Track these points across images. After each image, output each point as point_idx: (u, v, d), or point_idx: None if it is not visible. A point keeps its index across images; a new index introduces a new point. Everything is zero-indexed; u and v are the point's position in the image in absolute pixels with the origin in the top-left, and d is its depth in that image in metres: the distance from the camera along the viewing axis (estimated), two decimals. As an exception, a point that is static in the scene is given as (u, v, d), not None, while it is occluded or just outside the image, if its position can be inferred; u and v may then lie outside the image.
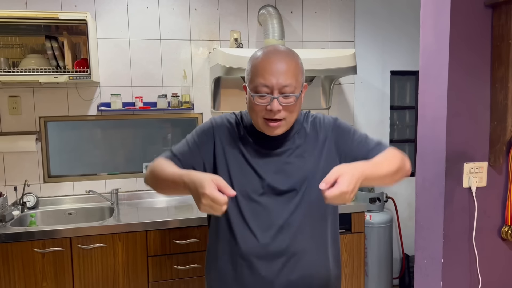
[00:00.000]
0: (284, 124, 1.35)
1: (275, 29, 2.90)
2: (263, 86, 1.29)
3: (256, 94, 1.31)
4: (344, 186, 1.10)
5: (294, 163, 1.40)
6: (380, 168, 1.28)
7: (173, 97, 2.90)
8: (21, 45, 2.75)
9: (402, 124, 3.58)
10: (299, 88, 1.34)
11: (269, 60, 1.32)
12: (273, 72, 1.29)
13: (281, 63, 1.31)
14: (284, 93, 1.30)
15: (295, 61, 1.35)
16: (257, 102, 1.31)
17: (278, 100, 1.29)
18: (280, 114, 1.31)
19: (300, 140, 1.43)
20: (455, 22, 1.55)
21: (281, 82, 1.29)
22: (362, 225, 2.78)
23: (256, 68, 1.32)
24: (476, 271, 1.65)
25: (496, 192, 1.66)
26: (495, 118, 1.60)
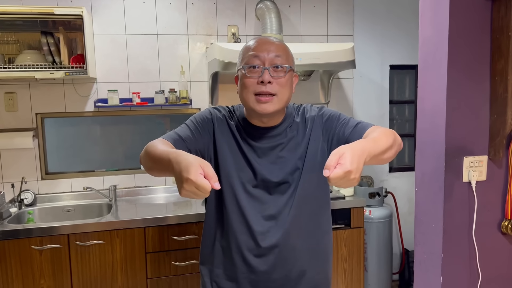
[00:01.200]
0: (276, 101, 1.34)
1: (273, 23, 2.88)
2: (254, 57, 1.33)
3: (247, 65, 1.33)
4: (347, 165, 1.01)
5: (287, 156, 1.41)
6: (379, 144, 1.20)
7: (170, 93, 2.88)
8: (17, 41, 2.73)
9: (401, 118, 3.57)
10: (290, 63, 1.37)
11: (259, 39, 1.38)
12: (264, 45, 1.35)
13: (271, 41, 1.37)
14: (275, 64, 1.33)
15: (284, 44, 1.41)
16: (248, 74, 1.33)
17: (269, 71, 1.32)
18: (272, 87, 1.32)
19: (292, 133, 1.44)
20: (454, 15, 1.53)
21: (272, 54, 1.33)
22: (361, 220, 2.77)
23: (247, 49, 1.37)
24: (476, 265, 1.64)
25: (496, 186, 1.65)
26: (495, 111, 1.58)
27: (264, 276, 1.41)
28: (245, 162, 1.40)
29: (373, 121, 3.69)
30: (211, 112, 1.46)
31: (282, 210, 1.39)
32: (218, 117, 1.44)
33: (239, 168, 1.40)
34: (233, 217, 1.40)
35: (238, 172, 1.40)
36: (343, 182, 1.03)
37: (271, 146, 1.41)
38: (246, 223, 1.39)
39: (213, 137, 1.42)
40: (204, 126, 1.42)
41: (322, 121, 1.45)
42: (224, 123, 1.44)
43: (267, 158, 1.41)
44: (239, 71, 1.38)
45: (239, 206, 1.39)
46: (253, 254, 1.40)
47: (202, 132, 1.41)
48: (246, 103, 1.37)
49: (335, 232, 2.73)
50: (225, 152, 1.41)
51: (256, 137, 1.42)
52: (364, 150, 1.10)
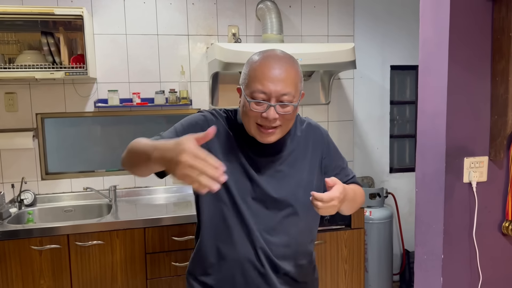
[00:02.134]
0: (279, 132, 1.29)
1: (273, 24, 2.87)
2: (260, 93, 1.23)
3: (253, 100, 1.24)
4: (336, 193, 1.18)
5: (286, 171, 1.37)
6: (355, 198, 1.37)
7: (171, 93, 2.88)
8: (17, 41, 2.73)
9: (402, 119, 3.56)
10: (297, 97, 1.28)
11: (268, 65, 1.25)
12: (272, 78, 1.23)
13: (280, 69, 1.24)
14: (282, 102, 1.24)
15: (295, 68, 1.28)
16: (253, 108, 1.24)
17: (275, 109, 1.23)
18: (276, 122, 1.26)
19: (292, 145, 1.40)
20: (455, 15, 1.53)
21: (280, 90, 1.23)
22: (362, 221, 2.77)
23: (254, 73, 1.25)
24: (476, 266, 1.63)
25: (496, 187, 1.65)
26: (496, 112, 1.58)
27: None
28: (243, 173, 1.34)
29: (374, 122, 3.69)
30: (206, 116, 1.38)
31: (276, 227, 1.35)
32: (213, 122, 1.35)
33: (236, 178, 1.33)
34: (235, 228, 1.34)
35: (236, 182, 1.33)
36: (327, 206, 1.17)
37: (271, 159, 1.36)
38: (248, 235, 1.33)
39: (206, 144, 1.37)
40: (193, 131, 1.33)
41: (326, 149, 1.45)
42: (222, 128, 1.36)
43: (266, 170, 1.35)
44: (243, 93, 1.29)
45: (240, 217, 1.33)
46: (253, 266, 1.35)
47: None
48: (247, 129, 1.32)
49: (335, 232, 2.73)
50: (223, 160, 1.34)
51: (256, 147, 1.35)
52: (347, 194, 1.25)
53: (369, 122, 3.40)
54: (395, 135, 3.52)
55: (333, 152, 1.48)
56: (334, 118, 3.30)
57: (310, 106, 3.21)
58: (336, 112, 3.30)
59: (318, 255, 2.72)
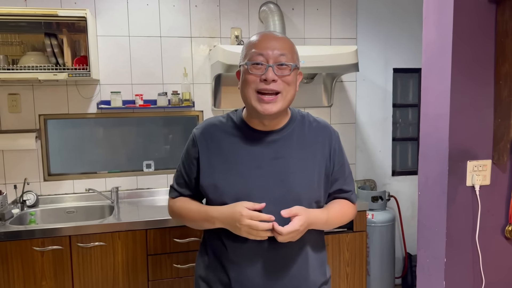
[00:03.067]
0: (280, 99, 1.28)
1: (276, 26, 2.87)
2: (258, 55, 1.27)
3: (251, 62, 1.26)
4: (296, 225, 1.24)
5: (291, 169, 1.35)
6: (329, 222, 1.39)
7: (173, 95, 2.88)
8: (21, 42, 2.74)
9: (405, 122, 3.56)
10: (294, 61, 1.31)
11: (264, 35, 1.32)
12: (269, 44, 1.28)
13: (276, 38, 1.32)
14: (280, 62, 1.27)
15: (289, 40, 1.35)
16: (251, 71, 1.27)
17: (273, 69, 1.26)
18: (276, 85, 1.26)
19: (295, 139, 1.38)
20: (458, 18, 1.53)
21: (277, 52, 1.27)
22: (364, 224, 2.76)
23: (251, 44, 1.31)
24: (479, 270, 1.63)
25: (500, 190, 1.64)
26: (499, 115, 1.57)
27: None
28: (240, 177, 1.33)
29: (376, 125, 3.68)
30: (193, 136, 1.43)
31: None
32: (202, 134, 1.39)
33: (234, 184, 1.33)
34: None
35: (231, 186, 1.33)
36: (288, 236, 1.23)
37: (273, 156, 1.34)
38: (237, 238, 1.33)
39: (198, 157, 1.39)
40: (190, 157, 1.42)
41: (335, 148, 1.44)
42: (214, 134, 1.38)
43: (267, 167, 1.34)
44: (241, 66, 1.32)
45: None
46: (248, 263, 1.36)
47: (188, 168, 1.43)
48: (247, 101, 1.31)
49: (337, 235, 2.72)
50: (217, 167, 1.35)
51: (256, 142, 1.35)
52: (312, 223, 1.30)
53: (371, 125, 3.39)
54: (398, 138, 3.51)
55: (340, 158, 1.46)
56: (337, 120, 3.29)
57: (313, 109, 3.21)
58: (339, 115, 3.29)
59: (320, 258, 2.71)
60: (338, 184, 1.45)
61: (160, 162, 3.05)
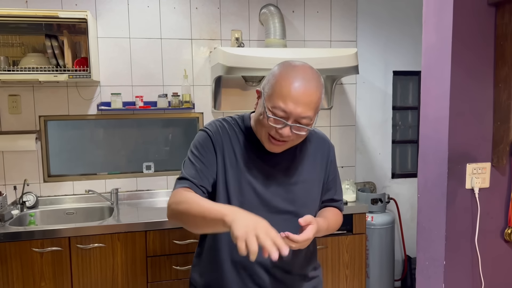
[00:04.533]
0: (288, 145, 1.33)
1: (276, 29, 2.88)
2: (281, 111, 1.23)
3: (272, 116, 1.25)
4: (310, 234, 1.24)
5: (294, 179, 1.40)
6: (328, 230, 1.44)
7: (173, 97, 2.89)
8: (21, 43, 2.74)
9: (404, 124, 3.56)
10: (314, 120, 1.30)
11: (296, 85, 1.23)
12: (296, 99, 1.22)
13: (306, 93, 1.24)
14: (300, 124, 1.26)
15: (320, 91, 1.28)
16: (270, 122, 1.26)
17: (291, 128, 1.26)
18: (288, 137, 1.28)
19: (298, 150, 1.42)
20: (457, 21, 1.53)
21: (300, 113, 1.23)
22: (363, 226, 2.76)
23: (279, 88, 1.24)
24: (478, 273, 1.63)
25: (499, 193, 1.64)
26: (499, 118, 1.58)
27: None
28: (249, 185, 1.35)
29: (376, 127, 3.68)
30: (208, 133, 1.38)
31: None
32: (217, 134, 1.37)
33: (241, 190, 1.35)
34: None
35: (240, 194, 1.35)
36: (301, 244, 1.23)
37: (279, 167, 1.39)
38: None
39: (215, 160, 1.36)
40: (207, 153, 1.35)
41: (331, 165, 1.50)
42: (226, 137, 1.38)
43: (273, 178, 1.36)
44: (263, 101, 1.28)
45: None
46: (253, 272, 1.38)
47: (206, 162, 1.35)
48: (257, 134, 1.35)
49: (337, 237, 2.72)
50: (229, 173, 1.35)
51: (262, 152, 1.37)
52: (321, 230, 1.34)
53: (371, 127, 3.39)
54: (397, 140, 3.51)
55: (334, 170, 1.53)
56: (337, 123, 3.30)
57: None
58: (339, 117, 3.30)
59: (320, 260, 2.71)
60: (330, 194, 1.52)
61: (160, 163, 3.05)
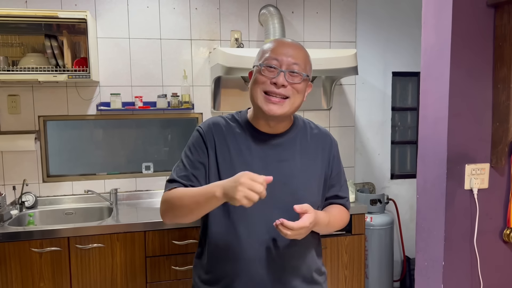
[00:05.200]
0: (287, 104, 1.31)
1: (276, 29, 2.88)
2: (272, 59, 1.30)
3: (264, 64, 1.30)
4: (307, 222, 1.24)
5: (295, 173, 1.38)
6: (330, 224, 1.41)
7: (173, 97, 2.89)
8: (21, 44, 2.74)
9: (403, 125, 3.56)
10: (307, 72, 1.34)
11: (281, 42, 1.35)
12: (285, 51, 1.31)
13: (292, 46, 1.34)
14: (292, 70, 1.30)
15: (305, 51, 1.38)
16: (264, 73, 1.30)
17: (285, 74, 1.29)
18: (285, 90, 1.30)
19: (300, 143, 1.41)
20: (457, 22, 1.54)
21: (291, 60, 1.30)
22: (362, 227, 2.76)
23: (268, 46, 1.34)
24: (477, 274, 1.63)
25: (498, 194, 1.64)
26: (497, 119, 1.58)
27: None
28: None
29: (375, 128, 3.68)
30: (200, 132, 1.39)
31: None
32: (208, 132, 1.38)
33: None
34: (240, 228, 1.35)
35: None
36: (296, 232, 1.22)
37: (277, 158, 1.37)
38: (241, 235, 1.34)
39: (208, 153, 1.36)
40: (200, 151, 1.36)
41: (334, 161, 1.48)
42: (220, 133, 1.38)
43: (271, 169, 1.33)
44: (255, 67, 1.34)
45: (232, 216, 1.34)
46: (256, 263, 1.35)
47: (201, 158, 1.36)
48: (254, 100, 1.34)
49: (336, 238, 2.72)
50: (223, 167, 1.35)
51: (261, 144, 1.37)
52: (318, 222, 1.30)
53: (370, 128, 3.40)
54: (397, 141, 3.52)
55: (337, 166, 1.50)
56: (336, 123, 3.30)
57: (312, 112, 3.22)
58: (338, 118, 3.30)
59: (319, 260, 2.71)
60: (334, 190, 1.50)
61: (159, 164, 3.05)
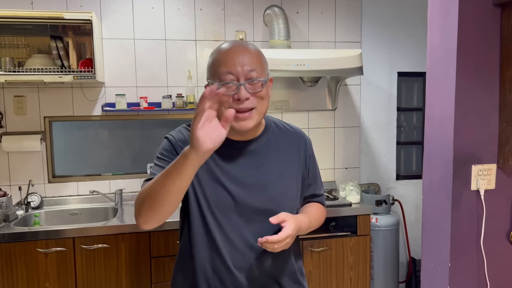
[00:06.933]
0: (255, 115, 1.25)
1: (280, 30, 2.88)
2: (227, 74, 1.21)
3: (221, 82, 1.21)
4: (290, 230, 1.21)
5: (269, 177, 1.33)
6: (311, 225, 1.39)
7: (177, 98, 2.89)
8: (27, 45, 2.76)
9: (409, 126, 3.55)
10: (264, 74, 1.27)
11: (230, 50, 1.25)
12: (237, 60, 1.22)
13: (242, 50, 1.25)
14: (251, 79, 1.22)
15: (257, 50, 1.29)
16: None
17: (245, 87, 1.21)
18: (250, 102, 1.23)
19: (271, 146, 1.37)
20: (463, 22, 1.53)
21: (246, 68, 1.21)
22: (368, 227, 2.75)
23: (217, 60, 1.25)
24: (484, 275, 1.62)
25: (505, 194, 1.63)
26: (504, 119, 1.57)
27: None
28: (221, 186, 1.29)
29: (380, 128, 3.67)
30: (169, 139, 1.33)
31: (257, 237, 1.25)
32: (182, 140, 1.31)
33: (215, 191, 1.29)
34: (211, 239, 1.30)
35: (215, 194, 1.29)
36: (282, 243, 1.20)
37: (253, 165, 1.32)
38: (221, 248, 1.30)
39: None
40: (172, 155, 1.28)
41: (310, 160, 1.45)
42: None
43: (247, 177, 1.30)
44: (209, 85, 1.25)
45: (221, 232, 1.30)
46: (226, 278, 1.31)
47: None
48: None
49: (341, 239, 2.71)
50: (201, 175, 1.28)
51: (235, 152, 1.31)
52: (300, 227, 1.29)
53: (375, 128, 3.38)
54: (402, 142, 3.50)
55: (313, 164, 1.48)
56: (341, 124, 3.29)
57: (317, 112, 3.21)
58: (343, 118, 3.29)
59: (324, 261, 2.70)
60: (312, 189, 1.48)
61: (164, 164, 3.05)
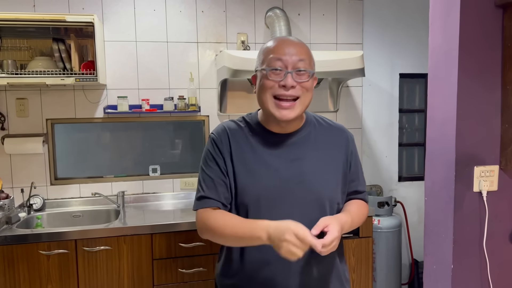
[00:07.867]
0: (298, 105, 1.29)
1: (282, 32, 2.88)
2: (276, 60, 1.26)
3: (270, 68, 1.26)
4: (335, 233, 1.21)
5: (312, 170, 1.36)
6: (354, 223, 1.39)
7: (179, 100, 2.89)
8: (29, 47, 2.76)
9: (411, 127, 3.54)
10: (312, 67, 1.32)
11: (282, 41, 1.31)
12: (287, 50, 1.27)
13: (294, 43, 1.30)
14: (299, 68, 1.26)
15: (306, 46, 1.34)
16: (270, 77, 1.26)
17: (292, 76, 1.26)
18: (295, 91, 1.27)
19: (311, 141, 1.39)
20: (464, 23, 1.52)
21: (295, 58, 1.27)
22: (370, 229, 2.74)
23: (268, 48, 1.31)
24: (487, 277, 1.61)
25: (507, 196, 1.63)
26: (506, 121, 1.56)
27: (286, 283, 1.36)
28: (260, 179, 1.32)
29: (382, 130, 3.66)
30: (214, 139, 1.38)
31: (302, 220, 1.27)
32: (223, 137, 1.36)
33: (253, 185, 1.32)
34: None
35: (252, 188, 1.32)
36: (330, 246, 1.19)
37: (292, 158, 1.35)
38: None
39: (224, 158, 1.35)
40: (218, 158, 1.34)
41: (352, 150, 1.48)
42: (233, 137, 1.36)
43: (286, 169, 1.33)
44: (258, 71, 1.31)
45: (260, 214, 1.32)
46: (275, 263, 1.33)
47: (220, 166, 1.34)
48: (264, 106, 1.31)
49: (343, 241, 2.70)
50: (242, 164, 1.33)
51: (274, 145, 1.35)
52: (343, 226, 1.27)
53: (377, 130, 3.38)
54: (404, 143, 3.50)
55: (355, 161, 1.50)
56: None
57: (318, 114, 3.20)
58: (345, 120, 3.29)
59: (326, 263, 2.69)
60: (354, 186, 1.48)
61: (166, 166, 3.05)
